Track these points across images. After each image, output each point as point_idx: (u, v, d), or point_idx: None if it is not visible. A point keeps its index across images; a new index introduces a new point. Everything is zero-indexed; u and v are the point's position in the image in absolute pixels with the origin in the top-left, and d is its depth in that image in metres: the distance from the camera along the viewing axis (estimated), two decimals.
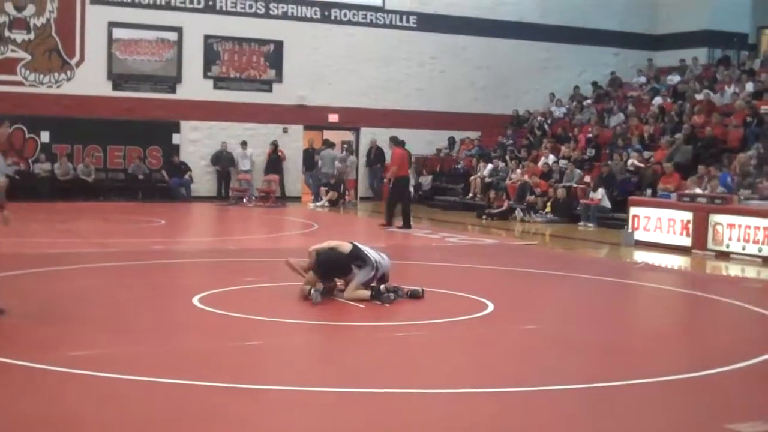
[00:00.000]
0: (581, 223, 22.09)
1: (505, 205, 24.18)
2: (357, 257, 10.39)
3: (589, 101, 30.52)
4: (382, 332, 9.48)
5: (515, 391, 6.87)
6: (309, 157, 29.32)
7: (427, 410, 6.29)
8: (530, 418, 6.22)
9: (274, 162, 28.90)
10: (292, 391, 6.65)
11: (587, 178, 23.42)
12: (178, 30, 28.18)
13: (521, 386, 7.01)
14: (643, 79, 31.07)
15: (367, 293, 10.28)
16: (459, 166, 29.45)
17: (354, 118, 30.28)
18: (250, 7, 28.96)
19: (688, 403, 6.70)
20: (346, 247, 10.53)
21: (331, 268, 10.42)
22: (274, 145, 28.96)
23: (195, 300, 10.11)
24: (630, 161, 23.06)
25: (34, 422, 5.72)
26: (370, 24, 30.36)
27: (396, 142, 21.19)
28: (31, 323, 8.96)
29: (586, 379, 7.22)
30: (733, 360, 7.99)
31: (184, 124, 28.33)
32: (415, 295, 10.55)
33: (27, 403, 6.16)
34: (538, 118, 30.39)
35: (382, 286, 10.39)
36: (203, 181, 28.60)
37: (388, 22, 30.57)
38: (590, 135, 26.50)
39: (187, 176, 27.95)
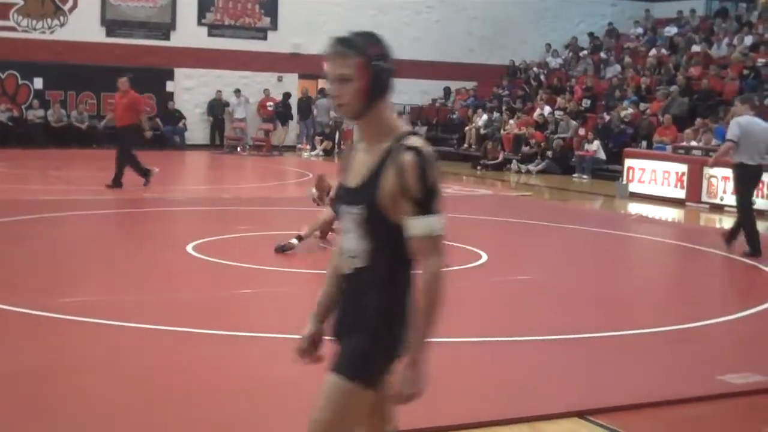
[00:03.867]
0: (576, 175, 22.08)
1: (501, 156, 24.13)
2: None
3: (585, 52, 30.32)
4: None
5: (506, 341, 6.90)
6: (304, 106, 29.16)
7: None
8: (519, 367, 6.25)
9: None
10: (285, 339, 6.66)
11: (582, 130, 23.34)
12: None
13: (512, 336, 7.04)
14: (640, 31, 30.84)
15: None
16: (454, 116, 29.30)
17: None
18: None
19: (680, 354, 6.73)
20: None
21: None
22: (266, 95, 28.79)
23: (189, 248, 10.11)
24: (623, 113, 22.99)
25: (26, 368, 5.73)
26: None
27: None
28: (24, 269, 8.97)
29: (579, 329, 7.25)
30: (726, 312, 8.04)
31: (178, 72, 28.12)
32: None
33: (20, 349, 6.18)
34: (534, 69, 30.21)
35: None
36: (197, 129, 28.45)
37: None
38: (586, 86, 26.40)
39: (181, 124, 27.81)
